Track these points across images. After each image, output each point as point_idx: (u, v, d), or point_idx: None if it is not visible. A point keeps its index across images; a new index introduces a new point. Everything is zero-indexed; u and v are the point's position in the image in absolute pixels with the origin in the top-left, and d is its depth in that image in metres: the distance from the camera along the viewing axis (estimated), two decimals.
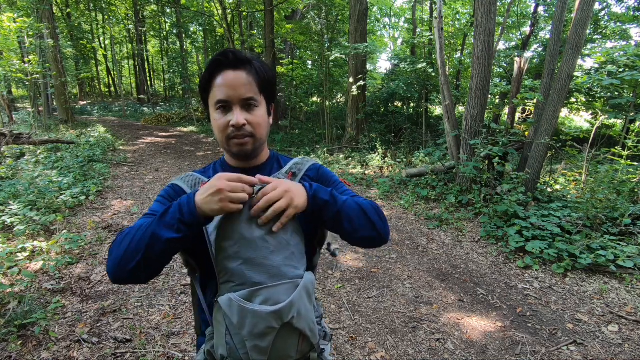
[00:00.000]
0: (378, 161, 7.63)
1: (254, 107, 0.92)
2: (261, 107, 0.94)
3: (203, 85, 0.93)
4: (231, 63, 0.89)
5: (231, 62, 0.89)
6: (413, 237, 4.31)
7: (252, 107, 0.91)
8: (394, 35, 23.82)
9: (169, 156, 8.60)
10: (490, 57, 5.20)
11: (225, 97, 0.89)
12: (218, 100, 0.90)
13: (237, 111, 0.89)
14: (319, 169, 1.07)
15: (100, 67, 27.09)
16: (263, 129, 0.95)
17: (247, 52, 0.90)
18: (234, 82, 0.89)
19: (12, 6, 11.28)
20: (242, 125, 0.89)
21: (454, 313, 2.84)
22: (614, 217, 3.92)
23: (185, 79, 17.43)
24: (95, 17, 22.61)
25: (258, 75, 0.92)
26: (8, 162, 6.12)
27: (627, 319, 2.76)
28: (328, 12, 10.89)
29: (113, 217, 4.58)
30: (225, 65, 0.89)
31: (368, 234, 0.93)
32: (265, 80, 0.93)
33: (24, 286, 2.84)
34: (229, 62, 0.89)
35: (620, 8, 12.06)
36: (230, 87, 0.88)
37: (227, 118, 0.90)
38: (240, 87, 0.89)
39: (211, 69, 0.90)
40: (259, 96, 0.93)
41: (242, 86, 0.89)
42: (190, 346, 2.37)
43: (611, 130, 5.25)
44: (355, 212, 0.91)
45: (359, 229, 0.92)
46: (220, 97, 0.89)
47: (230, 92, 0.88)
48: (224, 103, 0.90)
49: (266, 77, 0.93)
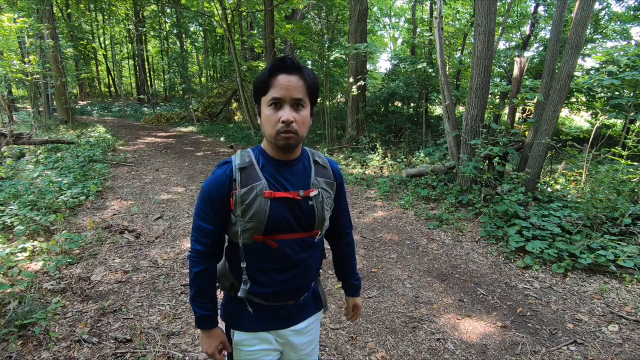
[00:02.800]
0: (378, 161, 7.63)
1: (302, 107, 1.07)
2: (307, 108, 1.09)
3: (261, 84, 1.07)
4: (287, 68, 1.04)
5: (288, 67, 1.04)
6: (413, 237, 4.31)
7: (300, 107, 1.07)
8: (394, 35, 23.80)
9: (169, 156, 8.60)
10: (490, 57, 5.19)
11: (280, 96, 1.03)
12: (273, 97, 1.04)
13: (287, 109, 1.04)
14: (340, 176, 1.29)
15: (100, 67, 27.10)
16: (306, 127, 1.10)
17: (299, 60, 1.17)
18: (288, 84, 1.03)
19: (13, 6, 11.27)
20: (290, 122, 1.03)
21: (454, 313, 2.84)
22: (614, 217, 3.91)
23: (185, 79, 17.44)
24: (95, 17, 22.62)
25: (307, 81, 1.06)
26: (8, 162, 6.12)
27: (627, 318, 2.75)
28: (328, 12, 10.89)
29: (113, 217, 4.58)
30: (282, 69, 1.04)
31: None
32: (312, 85, 1.08)
33: (24, 286, 2.84)
34: (286, 67, 1.04)
35: (620, 7, 12.06)
36: (284, 87, 1.03)
37: (278, 115, 1.04)
38: (292, 88, 1.04)
39: (270, 71, 1.05)
40: (306, 98, 1.08)
41: (294, 88, 1.04)
42: (190, 346, 2.37)
43: (611, 130, 5.23)
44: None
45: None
46: (275, 95, 1.04)
47: (284, 92, 1.03)
48: (277, 100, 1.04)
49: (314, 83, 1.09)
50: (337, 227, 1.35)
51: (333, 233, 1.37)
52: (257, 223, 1.08)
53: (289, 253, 1.14)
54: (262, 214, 1.07)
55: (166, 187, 6.00)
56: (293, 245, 1.14)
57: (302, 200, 1.12)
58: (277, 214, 1.09)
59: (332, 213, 1.27)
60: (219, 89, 16.47)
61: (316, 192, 1.15)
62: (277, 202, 1.09)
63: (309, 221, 1.15)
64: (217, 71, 23.13)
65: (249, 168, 1.11)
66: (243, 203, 1.08)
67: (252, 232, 1.10)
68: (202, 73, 23.12)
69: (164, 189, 5.92)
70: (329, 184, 1.21)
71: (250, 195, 1.08)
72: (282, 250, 1.13)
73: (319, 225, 1.17)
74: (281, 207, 1.10)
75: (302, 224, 1.14)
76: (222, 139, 11.46)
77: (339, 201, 1.30)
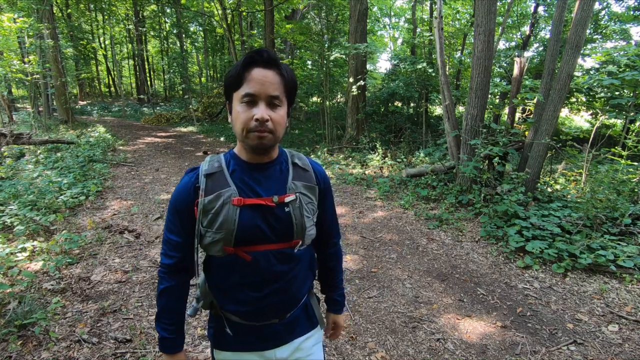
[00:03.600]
0: (378, 161, 7.63)
1: (278, 106, 0.97)
2: (283, 107, 0.99)
3: (233, 78, 0.96)
4: (264, 61, 0.94)
5: (264, 60, 0.94)
6: (413, 237, 4.31)
7: (276, 106, 0.96)
8: (394, 35, 23.80)
9: (169, 156, 8.60)
10: (490, 57, 5.19)
11: (254, 92, 0.93)
12: (246, 93, 0.94)
13: (262, 106, 0.94)
14: (325, 180, 1.18)
15: (100, 67, 27.11)
16: (282, 128, 1.00)
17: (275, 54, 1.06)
18: (264, 79, 0.94)
19: (13, 6, 11.27)
20: (265, 120, 0.94)
21: (454, 313, 2.84)
22: (614, 217, 3.91)
23: (185, 79, 17.42)
24: (95, 17, 22.62)
25: (285, 77, 0.97)
26: (8, 162, 6.12)
27: (627, 318, 2.75)
28: (328, 12, 10.88)
29: (113, 217, 4.58)
30: (258, 62, 0.94)
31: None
32: (290, 83, 0.99)
33: (24, 286, 2.84)
34: (262, 60, 0.94)
35: (620, 7, 12.06)
36: (259, 82, 0.93)
37: (251, 112, 0.94)
38: (268, 84, 0.94)
39: (244, 64, 0.94)
40: (283, 96, 0.98)
41: (271, 84, 0.94)
42: (190, 346, 2.37)
43: (611, 130, 5.23)
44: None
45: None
46: (249, 91, 0.93)
47: (259, 88, 0.93)
48: (251, 97, 0.94)
49: (291, 81, 1.00)
50: (322, 235, 1.21)
51: (318, 242, 1.23)
52: (226, 234, 0.98)
53: (264, 266, 1.03)
54: (231, 223, 0.97)
55: (166, 187, 6.00)
56: (269, 257, 1.03)
57: (276, 207, 1.01)
58: (247, 222, 0.98)
59: (317, 220, 1.15)
60: (219, 89, 16.47)
61: (293, 197, 1.03)
62: (247, 210, 0.99)
63: (286, 230, 1.03)
64: (217, 71, 23.14)
65: (217, 174, 1.02)
66: (209, 212, 0.99)
67: (223, 243, 0.99)
68: (202, 73, 23.14)
69: (164, 189, 5.92)
70: (309, 188, 1.09)
71: (216, 203, 0.98)
72: (257, 264, 1.02)
73: (299, 234, 1.05)
74: (252, 215, 0.99)
75: (278, 234, 1.03)
76: (222, 139, 11.47)
77: (323, 207, 1.17)
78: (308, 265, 1.16)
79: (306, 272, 1.16)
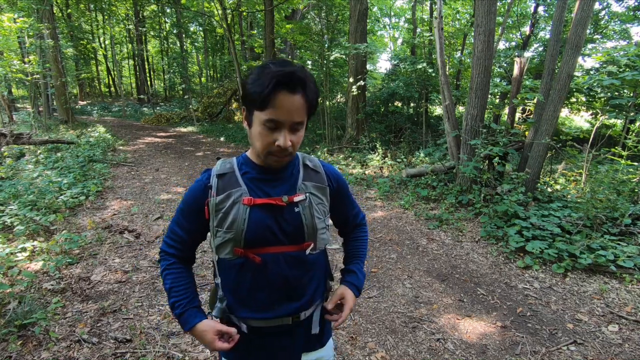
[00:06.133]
0: (378, 161, 7.63)
1: (299, 130, 0.97)
2: (304, 126, 0.99)
3: (257, 96, 0.91)
4: (290, 86, 0.90)
5: (294, 84, 0.90)
6: (413, 237, 4.31)
7: (298, 130, 0.97)
8: (394, 35, 23.81)
9: (169, 156, 8.60)
10: (490, 57, 5.19)
11: (279, 119, 0.92)
12: (270, 119, 0.92)
13: (285, 133, 0.94)
14: (338, 180, 1.18)
15: (100, 67, 27.12)
16: (299, 144, 1.00)
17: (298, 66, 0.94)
18: (291, 107, 0.92)
19: (13, 6, 11.27)
20: (287, 147, 0.94)
21: (454, 313, 2.84)
22: (614, 217, 3.91)
23: (185, 79, 17.43)
24: (95, 17, 22.63)
25: (309, 100, 0.95)
26: (8, 162, 6.12)
27: (627, 319, 2.75)
28: (328, 12, 10.88)
29: (113, 217, 4.58)
30: (285, 86, 0.90)
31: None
32: (313, 103, 0.97)
33: (24, 286, 2.84)
34: (291, 84, 0.90)
35: (620, 7, 12.06)
36: (286, 110, 0.91)
37: (273, 136, 0.94)
38: (294, 111, 0.92)
39: (273, 86, 0.89)
40: (305, 118, 0.97)
41: (296, 111, 0.93)
42: (190, 346, 2.37)
43: (611, 130, 5.23)
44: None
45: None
46: (274, 118, 0.91)
47: (285, 116, 0.92)
48: (275, 124, 0.92)
49: (314, 101, 0.98)
50: (347, 225, 1.28)
51: (346, 230, 1.30)
52: (235, 234, 0.98)
53: (275, 270, 1.02)
54: (241, 223, 0.98)
55: (166, 187, 6.00)
56: (279, 260, 1.02)
57: (286, 207, 1.01)
58: (257, 222, 0.99)
59: (340, 215, 1.21)
60: (219, 89, 16.47)
61: (302, 197, 1.04)
62: (257, 210, 0.99)
63: (296, 231, 1.03)
64: (217, 71, 23.14)
65: (228, 174, 1.03)
66: (219, 211, 1.00)
67: (233, 244, 1.00)
68: (202, 73, 23.13)
69: (164, 189, 5.92)
70: (320, 188, 1.09)
71: (226, 202, 0.99)
72: (267, 267, 1.01)
73: (310, 236, 1.04)
74: (263, 215, 0.99)
75: (289, 235, 1.02)
76: (222, 139, 11.46)
77: (344, 203, 1.21)
78: (320, 273, 1.15)
79: (319, 282, 1.14)
